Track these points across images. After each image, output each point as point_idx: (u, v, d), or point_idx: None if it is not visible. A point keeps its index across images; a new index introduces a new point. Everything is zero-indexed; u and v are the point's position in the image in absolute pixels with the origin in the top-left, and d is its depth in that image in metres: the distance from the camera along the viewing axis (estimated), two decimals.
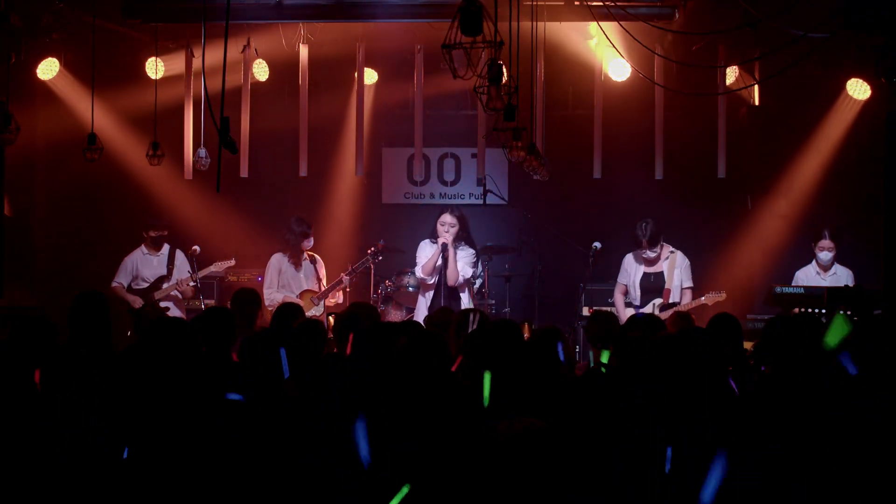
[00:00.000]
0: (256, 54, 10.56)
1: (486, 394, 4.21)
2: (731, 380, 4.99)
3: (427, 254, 9.23)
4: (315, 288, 9.88)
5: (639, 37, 8.57)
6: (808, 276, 9.34)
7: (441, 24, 6.51)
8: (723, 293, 9.15)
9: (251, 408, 4.08)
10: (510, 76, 6.35)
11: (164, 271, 9.79)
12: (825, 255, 9.27)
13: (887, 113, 10.27)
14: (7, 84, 8.67)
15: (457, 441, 3.70)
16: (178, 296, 9.82)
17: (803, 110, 10.91)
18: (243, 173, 10.55)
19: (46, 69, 10.40)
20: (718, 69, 9.93)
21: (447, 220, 9.14)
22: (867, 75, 10.26)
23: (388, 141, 11.58)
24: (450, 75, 5.60)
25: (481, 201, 10.03)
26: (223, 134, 5.12)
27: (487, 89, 5.94)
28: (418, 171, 10.89)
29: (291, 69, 10.63)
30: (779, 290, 8.71)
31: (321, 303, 9.81)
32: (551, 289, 10.43)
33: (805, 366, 4.53)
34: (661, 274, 9.33)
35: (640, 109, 10.57)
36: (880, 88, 10.26)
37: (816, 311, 8.21)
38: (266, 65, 10.74)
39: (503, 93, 6.11)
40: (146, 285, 9.75)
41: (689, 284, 9.33)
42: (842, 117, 10.66)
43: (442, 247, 9.06)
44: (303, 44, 10.41)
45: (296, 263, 9.89)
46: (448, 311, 6.98)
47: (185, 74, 10.27)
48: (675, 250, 9.40)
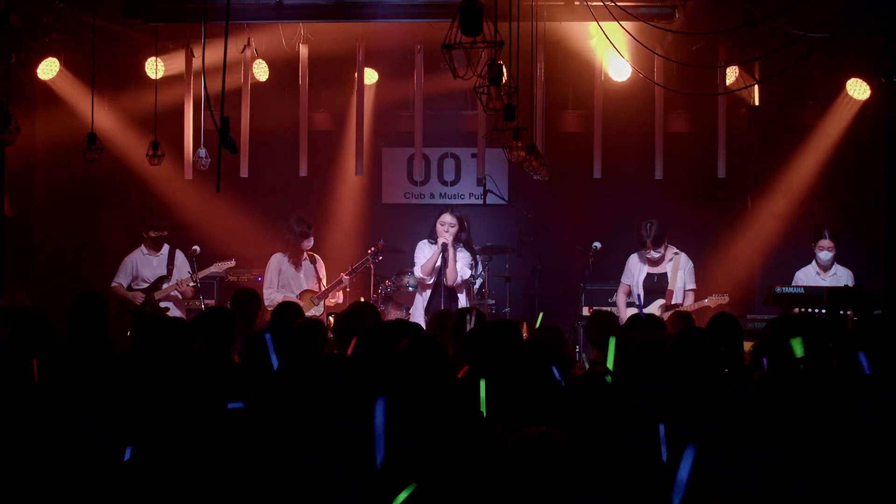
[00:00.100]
0: (256, 54, 10.56)
1: (482, 399, 4.20)
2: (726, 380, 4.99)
3: (426, 254, 9.22)
4: (315, 288, 9.88)
5: (639, 37, 8.57)
6: (808, 276, 9.34)
7: (441, 23, 6.50)
8: (726, 296, 9.16)
9: (251, 408, 4.08)
10: (510, 76, 6.35)
11: (163, 271, 9.79)
12: (825, 255, 9.27)
13: (887, 113, 10.28)
14: (7, 84, 8.67)
15: (458, 442, 3.69)
16: (178, 296, 9.82)
17: (803, 110, 10.92)
18: (243, 173, 10.56)
19: (46, 69, 10.40)
20: (718, 69, 9.93)
21: (447, 220, 9.13)
22: (867, 75, 10.26)
23: (388, 141, 11.58)
24: (450, 75, 5.60)
25: (481, 201, 10.03)
26: (223, 134, 5.12)
27: (487, 89, 5.95)
28: (418, 171, 10.89)
29: (291, 69, 10.64)
30: (779, 290, 8.70)
31: (321, 303, 9.81)
32: (551, 289, 10.43)
33: (805, 366, 4.53)
34: (665, 275, 9.34)
35: (640, 109, 10.57)
36: (880, 88, 10.26)
37: (816, 311, 8.21)
38: (266, 65, 10.74)
39: (503, 93, 6.11)
40: (146, 285, 9.75)
41: (691, 286, 9.33)
42: (841, 117, 10.65)
43: (442, 247, 9.05)
44: (303, 44, 10.41)
45: (296, 263, 9.89)
46: (448, 312, 6.98)
47: (185, 74, 10.27)
48: (679, 252, 9.41)
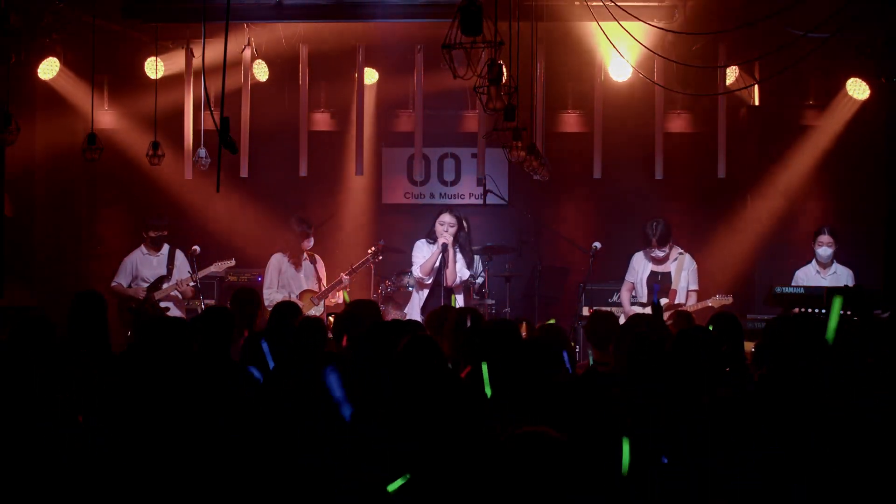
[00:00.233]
0: (256, 54, 10.56)
1: (486, 384, 4.20)
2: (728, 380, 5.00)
3: (424, 254, 9.21)
4: (315, 288, 9.88)
5: (639, 37, 8.57)
6: (808, 275, 9.34)
7: (441, 23, 6.50)
8: (729, 297, 9.15)
9: (251, 407, 4.08)
10: (510, 76, 6.35)
11: (163, 271, 9.78)
12: (824, 251, 9.26)
13: (887, 113, 10.28)
14: (7, 84, 8.67)
15: (458, 441, 3.69)
16: (178, 296, 9.81)
17: (803, 110, 10.92)
18: (243, 173, 10.56)
19: (47, 69, 10.40)
20: (718, 69, 9.93)
21: (446, 220, 9.12)
22: (867, 75, 10.26)
23: (388, 141, 11.58)
24: (450, 74, 5.60)
25: (481, 201, 10.02)
26: (223, 134, 5.12)
27: (487, 89, 5.95)
28: (418, 171, 10.89)
29: (291, 69, 10.64)
30: (779, 290, 8.70)
31: (321, 303, 9.81)
32: (551, 289, 10.43)
33: (804, 366, 4.53)
34: (669, 274, 9.34)
35: (640, 109, 10.57)
36: (880, 88, 10.26)
37: (816, 311, 8.20)
38: (266, 65, 10.74)
39: (503, 93, 6.11)
40: (146, 285, 9.74)
41: (694, 287, 9.34)
42: (841, 117, 10.65)
43: (442, 247, 9.05)
44: (303, 43, 10.42)
45: (296, 263, 9.88)
46: (448, 308, 6.97)
47: (185, 74, 10.28)
48: (683, 252, 9.42)
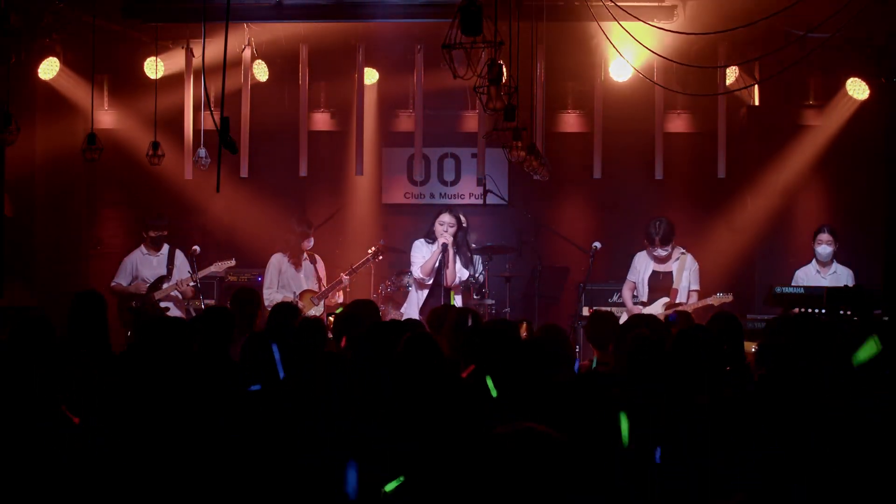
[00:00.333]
0: (256, 54, 10.56)
1: (490, 388, 4.20)
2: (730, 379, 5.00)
3: (423, 254, 9.21)
4: (315, 288, 9.88)
5: (639, 37, 8.57)
6: (808, 275, 9.34)
7: (441, 23, 6.50)
8: (730, 295, 9.16)
9: (251, 407, 4.08)
10: (510, 76, 6.35)
11: (163, 271, 9.78)
12: (824, 249, 9.26)
13: (887, 113, 10.28)
14: (7, 84, 8.67)
15: (458, 441, 3.70)
16: (178, 296, 9.81)
17: (803, 110, 10.91)
18: (243, 173, 10.56)
19: (47, 69, 10.40)
20: (718, 69, 9.93)
21: (446, 220, 9.12)
22: (867, 75, 10.26)
23: (388, 141, 11.58)
24: (450, 74, 5.60)
25: (481, 201, 10.02)
26: (223, 134, 5.12)
27: (487, 89, 5.95)
28: (418, 171, 10.89)
29: (291, 69, 10.64)
30: (779, 290, 8.70)
31: (321, 303, 9.81)
32: (551, 289, 10.42)
33: (804, 366, 4.53)
34: (670, 274, 9.36)
35: (640, 109, 10.57)
36: (880, 88, 10.26)
37: (816, 311, 8.20)
38: (266, 65, 10.74)
39: (503, 93, 6.11)
40: (146, 285, 9.74)
41: (696, 287, 9.35)
42: (841, 117, 10.65)
43: (442, 247, 9.05)
44: (303, 43, 10.42)
45: (296, 263, 9.88)
46: (448, 307, 6.98)
47: (185, 74, 10.28)
48: (686, 252, 9.44)
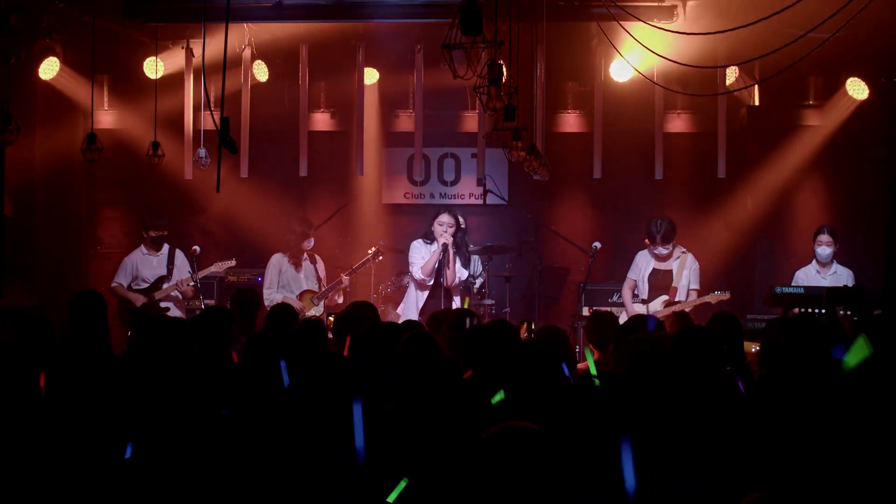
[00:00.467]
0: (256, 54, 10.57)
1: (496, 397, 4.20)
2: (739, 379, 5.00)
3: (422, 254, 9.22)
4: (315, 288, 9.88)
5: (639, 37, 8.57)
6: (808, 275, 9.34)
7: (441, 23, 6.50)
8: (727, 292, 9.18)
9: (251, 408, 4.08)
10: (510, 76, 6.35)
11: (163, 271, 9.78)
12: (823, 250, 9.27)
13: (887, 113, 10.28)
14: (7, 84, 8.67)
15: (458, 441, 3.69)
16: (179, 296, 9.81)
17: (803, 110, 10.91)
18: (243, 173, 10.56)
19: (47, 69, 10.40)
20: (718, 69, 9.93)
21: (445, 220, 9.13)
22: (867, 75, 10.26)
23: (388, 141, 11.58)
24: (450, 74, 5.61)
25: (481, 201, 10.03)
26: (223, 134, 5.12)
27: (487, 89, 5.95)
28: (418, 171, 10.89)
29: (291, 69, 10.64)
30: (779, 290, 8.71)
31: (321, 303, 9.81)
32: (551, 289, 10.43)
33: (804, 366, 4.53)
34: (670, 272, 9.37)
35: (640, 109, 10.57)
36: (880, 88, 10.27)
37: (816, 311, 8.20)
38: (266, 65, 10.74)
39: (503, 93, 6.11)
40: (146, 285, 9.74)
41: (695, 286, 9.36)
42: (841, 117, 10.65)
43: (443, 247, 9.05)
44: (303, 43, 10.42)
45: (296, 264, 9.88)
46: (449, 310, 6.98)
47: (185, 74, 10.28)
48: (686, 251, 9.45)
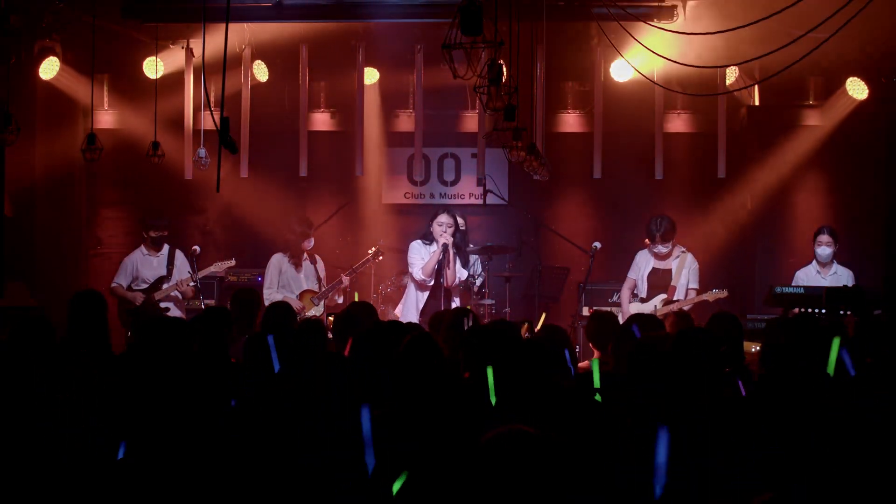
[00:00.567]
0: (256, 54, 10.57)
1: (490, 389, 4.19)
2: (739, 380, 4.99)
3: (422, 255, 9.22)
4: (315, 288, 9.87)
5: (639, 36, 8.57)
6: (808, 275, 9.34)
7: (441, 23, 6.50)
8: (725, 291, 9.20)
9: (251, 408, 4.08)
10: (510, 76, 6.35)
11: (163, 272, 9.78)
12: (823, 251, 9.28)
13: (887, 113, 10.28)
14: (7, 84, 8.67)
15: (459, 441, 3.69)
16: (179, 296, 9.81)
17: (803, 110, 10.92)
18: (243, 173, 10.56)
19: (47, 69, 10.40)
20: (718, 69, 9.93)
21: (444, 220, 9.13)
22: (867, 75, 10.26)
23: (388, 141, 11.58)
24: (450, 74, 5.61)
25: (481, 201, 10.03)
26: (223, 134, 5.12)
27: (487, 89, 5.95)
28: (418, 171, 10.89)
29: (291, 69, 10.64)
30: (779, 290, 8.71)
31: (321, 303, 9.81)
32: (551, 289, 10.43)
33: (804, 366, 4.53)
34: (669, 271, 9.39)
35: (640, 109, 10.57)
36: (879, 88, 10.27)
37: (816, 311, 8.21)
38: (266, 65, 10.74)
39: (503, 93, 6.11)
40: (146, 286, 9.73)
41: (694, 286, 9.37)
42: (841, 117, 10.65)
43: (443, 247, 9.05)
44: (303, 43, 10.42)
45: (296, 264, 9.87)
46: (448, 310, 6.98)
47: (185, 74, 10.28)
48: (686, 251, 9.46)
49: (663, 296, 9.32)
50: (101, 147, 8.71)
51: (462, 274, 9.22)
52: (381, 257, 10.02)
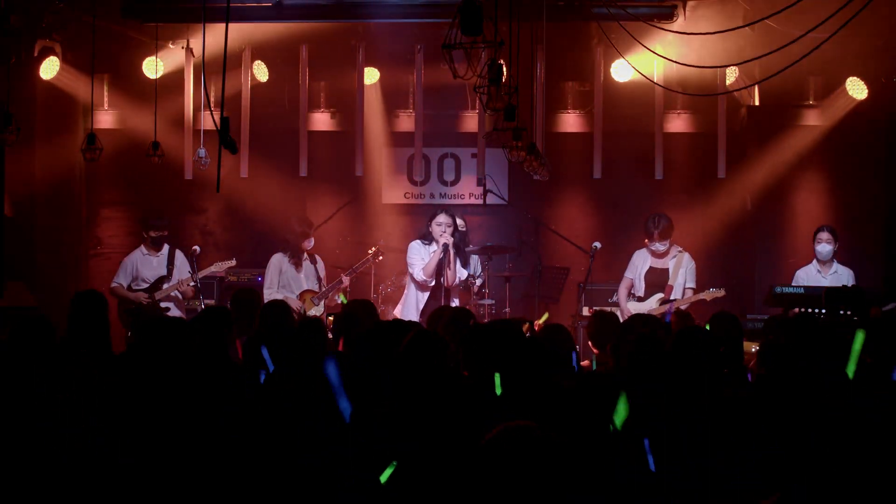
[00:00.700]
0: (256, 54, 10.57)
1: (497, 384, 4.19)
2: (748, 375, 5.00)
3: (422, 255, 9.22)
4: (315, 288, 9.87)
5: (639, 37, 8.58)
6: (808, 275, 9.35)
7: (441, 23, 6.50)
8: (722, 290, 9.22)
9: (250, 408, 4.08)
10: (510, 76, 6.35)
11: (164, 272, 9.77)
12: (823, 248, 9.29)
13: (887, 113, 10.28)
14: (7, 84, 8.67)
15: (459, 441, 3.69)
16: (179, 296, 9.81)
17: (803, 110, 10.92)
18: (243, 173, 10.56)
19: (48, 69, 10.40)
20: (718, 69, 9.93)
21: (443, 220, 9.13)
22: (867, 75, 10.26)
23: (388, 141, 11.58)
24: (450, 74, 5.61)
25: (481, 201, 10.03)
26: (223, 134, 5.12)
27: (487, 89, 5.95)
28: (418, 171, 10.89)
29: (291, 69, 10.64)
30: (779, 290, 8.71)
31: (321, 303, 9.81)
32: (551, 289, 10.43)
33: (804, 366, 4.53)
34: (667, 270, 9.40)
35: (640, 109, 10.57)
36: (879, 88, 10.27)
37: (816, 311, 8.21)
38: (266, 65, 10.75)
39: (503, 93, 6.11)
40: (146, 286, 9.73)
41: (691, 285, 9.38)
42: (840, 117, 10.65)
43: (443, 247, 9.06)
44: (303, 43, 10.42)
45: (296, 263, 9.87)
46: (447, 308, 6.98)
47: (185, 74, 10.28)
48: (683, 250, 9.48)
49: (660, 295, 9.34)
50: (101, 147, 8.71)
51: (462, 274, 9.23)
52: (381, 257, 10.02)
